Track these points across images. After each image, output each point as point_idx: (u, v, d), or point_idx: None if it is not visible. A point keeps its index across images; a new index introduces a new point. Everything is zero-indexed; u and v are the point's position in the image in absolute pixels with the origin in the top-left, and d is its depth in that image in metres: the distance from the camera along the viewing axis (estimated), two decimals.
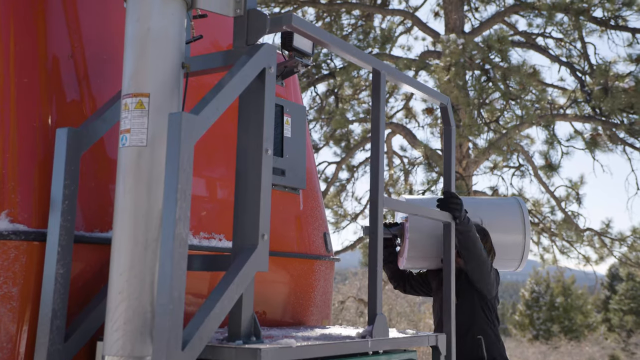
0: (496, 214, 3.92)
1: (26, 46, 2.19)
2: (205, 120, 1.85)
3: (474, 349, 3.68)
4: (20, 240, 2.03)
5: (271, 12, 11.97)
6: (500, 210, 3.97)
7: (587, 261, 11.69)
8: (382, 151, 2.67)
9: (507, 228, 3.87)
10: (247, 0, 2.22)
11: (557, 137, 10.82)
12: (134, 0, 2.03)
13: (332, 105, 12.59)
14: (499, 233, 3.81)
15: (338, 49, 2.54)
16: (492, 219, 3.82)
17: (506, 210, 3.96)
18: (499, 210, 3.98)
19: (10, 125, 2.13)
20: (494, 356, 3.71)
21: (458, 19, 11.38)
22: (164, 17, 2.01)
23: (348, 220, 12.44)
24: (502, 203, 4.14)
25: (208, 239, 2.61)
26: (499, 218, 3.89)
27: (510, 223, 3.88)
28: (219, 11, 2.19)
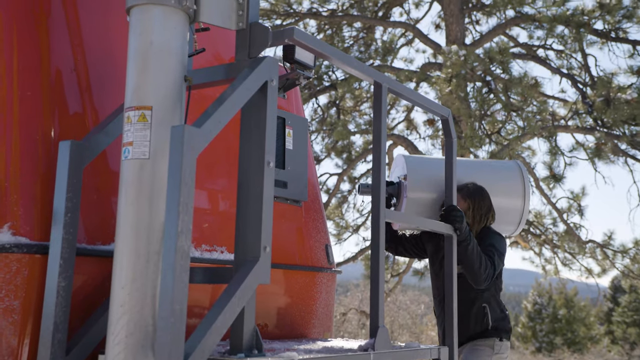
0: (496, 177, 3.83)
1: (30, 60, 2.20)
2: (208, 133, 1.85)
3: (479, 318, 3.61)
4: (22, 253, 2.03)
5: (273, 25, 12.04)
6: (500, 174, 3.89)
7: (589, 273, 11.65)
8: (383, 163, 2.67)
9: (506, 192, 3.78)
10: (250, 14, 2.23)
11: (560, 148, 10.82)
12: (137, 14, 2.04)
13: (333, 117, 12.61)
14: (498, 196, 3.71)
15: (340, 62, 2.55)
16: (492, 182, 3.73)
17: (506, 173, 3.86)
18: (499, 174, 3.89)
19: (13, 138, 2.14)
20: (499, 328, 3.64)
21: (459, 31, 11.42)
22: (167, 31, 2.02)
23: (349, 232, 12.42)
24: (502, 166, 4.06)
25: (210, 251, 2.61)
26: (499, 181, 3.80)
27: (510, 187, 3.79)
28: (222, 24, 2.21)
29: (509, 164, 3.97)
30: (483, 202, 3.63)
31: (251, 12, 2.24)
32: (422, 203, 3.56)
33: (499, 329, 3.66)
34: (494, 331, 3.64)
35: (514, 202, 3.79)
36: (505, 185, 3.81)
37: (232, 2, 2.21)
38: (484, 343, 3.62)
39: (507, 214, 3.77)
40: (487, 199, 3.65)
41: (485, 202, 3.64)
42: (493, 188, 3.71)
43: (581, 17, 10.23)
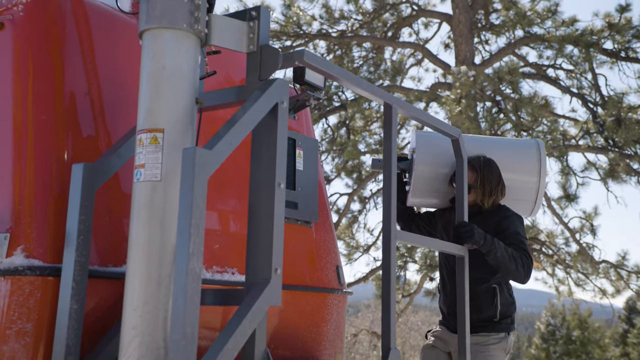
0: (511, 152, 3.74)
1: (45, 84, 2.23)
2: (219, 155, 1.87)
3: (488, 299, 3.48)
4: (35, 275, 2.04)
5: (283, 46, 12.14)
6: (517, 150, 3.80)
7: (603, 294, 11.51)
8: (394, 183, 2.67)
9: (521, 168, 3.68)
10: (260, 37, 2.25)
11: (572, 167, 10.77)
12: (150, 38, 2.07)
13: (343, 137, 12.64)
14: (512, 172, 3.61)
15: (350, 84, 2.56)
16: (507, 158, 3.63)
17: (523, 150, 3.76)
18: (515, 150, 3.80)
19: (27, 162, 2.16)
20: (507, 314, 3.54)
21: (468, 51, 11.46)
22: (179, 55, 2.05)
23: (360, 252, 12.37)
24: (521, 143, 3.98)
25: (221, 272, 2.61)
26: (514, 157, 3.70)
27: (525, 162, 3.68)
28: (233, 47, 2.23)
29: (528, 142, 3.87)
30: (492, 174, 3.52)
31: (262, 35, 2.26)
32: (431, 177, 3.49)
33: (506, 317, 3.54)
34: (502, 321, 3.52)
35: (528, 177, 3.67)
36: (520, 160, 3.70)
37: (243, 25, 2.24)
38: (497, 346, 3.48)
39: (522, 192, 3.66)
40: (496, 170, 3.54)
41: (494, 174, 3.53)
42: (507, 163, 3.60)
43: (590, 37, 10.25)
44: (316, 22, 12.42)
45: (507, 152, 3.72)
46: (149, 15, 2.05)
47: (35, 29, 2.26)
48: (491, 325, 3.49)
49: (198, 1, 2.09)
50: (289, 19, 12.19)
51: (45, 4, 2.27)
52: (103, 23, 2.44)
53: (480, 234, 3.24)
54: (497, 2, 12.14)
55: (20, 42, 2.24)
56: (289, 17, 12.19)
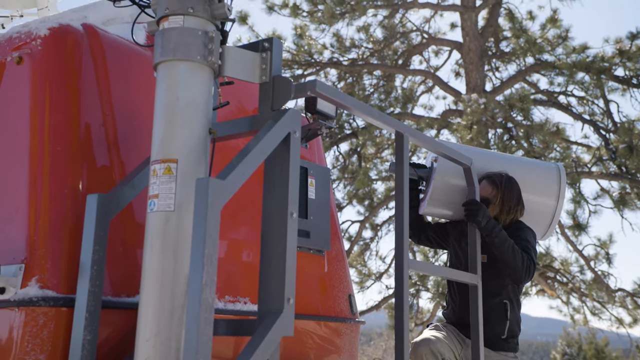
0: (532, 173, 3.73)
1: (61, 116, 2.27)
2: (232, 185, 1.88)
3: (499, 314, 3.44)
4: (49, 306, 2.04)
5: (294, 74, 12.25)
6: (537, 171, 3.79)
7: (620, 323, 11.33)
8: (406, 210, 2.67)
9: (540, 189, 3.67)
10: (273, 68, 2.28)
11: (584, 195, 10.69)
12: (164, 70, 2.10)
13: (355, 164, 12.66)
14: (531, 193, 3.60)
15: (361, 113, 2.58)
16: (526, 178, 3.62)
17: (543, 171, 3.75)
18: (535, 171, 3.80)
19: (43, 192, 2.18)
20: (515, 334, 3.49)
21: (479, 78, 11.50)
22: (193, 86, 2.08)
23: (372, 280, 12.29)
24: (542, 165, 3.99)
25: (233, 302, 2.61)
26: (534, 178, 3.69)
27: (545, 185, 3.67)
28: (245, 78, 2.25)
29: (548, 164, 3.88)
30: (512, 192, 3.52)
31: (274, 66, 2.29)
32: (450, 188, 3.48)
33: (513, 337, 3.50)
34: (510, 340, 3.47)
35: (546, 200, 3.67)
36: (540, 182, 3.70)
37: (256, 56, 2.27)
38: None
39: (538, 213, 3.65)
40: (516, 190, 3.54)
41: (515, 192, 3.53)
42: (527, 184, 3.60)
43: (602, 64, 10.26)
44: (327, 50, 12.55)
45: (528, 172, 3.72)
46: (164, 48, 2.09)
47: (52, 62, 2.30)
48: (499, 343, 3.46)
49: (212, 34, 2.12)
50: (300, 48, 12.31)
51: (62, 38, 2.32)
52: (118, 55, 2.48)
53: (485, 215, 3.23)
54: (507, 30, 12.22)
55: (38, 75, 2.28)
56: (300, 46, 12.32)
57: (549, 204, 3.67)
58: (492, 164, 3.60)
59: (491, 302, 3.43)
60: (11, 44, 2.34)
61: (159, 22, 2.16)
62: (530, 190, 3.61)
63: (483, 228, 3.25)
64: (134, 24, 2.41)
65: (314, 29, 12.43)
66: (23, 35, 2.33)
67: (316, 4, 12.00)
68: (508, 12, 12.24)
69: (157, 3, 2.17)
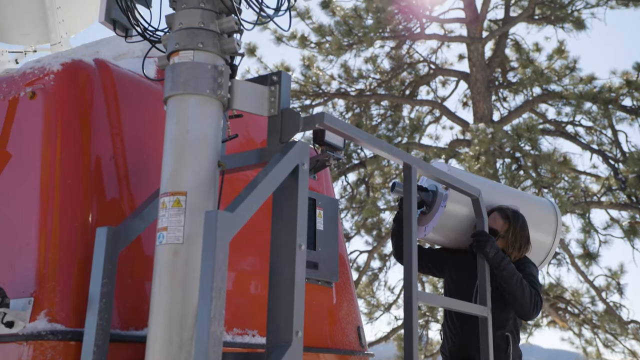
0: (530, 210, 3.71)
1: (72, 149, 2.29)
2: (241, 217, 1.88)
3: (502, 347, 3.38)
4: (58, 340, 2.04)
5: (302, 104, 12.33)
6: (536, 208, 3.79)
7: (634, 356, 11.13)
8: (414, 241, 2.66)
9: (538, 225, 3.67)
10: (281, 101, 2.30)
11: (594, 225, 10.61)
12: (174, 104, 2.13)
13: (363, 194, 12.66)
14: (530, 228, 3.58)
15: (369, 145, 2.59)
16: (527, 213, 3.60)
17: (541, 208, 3.77)
18: (534, 207, 3.79)
19: (53, 226, 2.19)
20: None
21: (486, 108, 11.54)
22: (202, 120, 2.10)
23: (381, 311, 12.19)
24: (539, 202, 3.99)
25: (242, 334, 2.59)
26: (534, 213, 3.68)
27: (543, 221, 3.69)
28: (254, 111, 2.28)
29: (543, 200, 3.90)
30: (524, 231, 3.52)
31: (282, 99, 2.31)
32: (459, 217, 3.45)
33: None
34: None
35: (544, 238, 3.69)
36: (538, 218, 3.71)
37: (264, 89, 2.29)
38: None
39: (533, 249, 3.64)
40: (526, 227, 3.54)
41: (526, 229, 3.54)
42: (527, 219, 3.60)
43: (609, 94, 10.29)
44: (335, 81, 12.65)
45: (527, 208, 3.71)
46: (174, 82, 2.12)
47: (64, 97, 2.34)
48: None
49: (221, 68, 2.15)
50: (308, 79, 12.42)
51: (74, 73, 2.36)
52: (129, 89, 2.52)
53: (493, 247, 3.21)
54: (513, 61, 12.29)
55: (50, 110, 2.32)
56: (308, 77, 12.43)
57: (546, 241, 3.71)
58: (492, 195, 3.58)
59: (494, 335, 3.37)
60: (25, 79, 2.38)
61: (169, 57, 2.19)
62: (530, 226, 3.62)
63: (491, 259, 3.23)
64: (145, 59, 2.45)
65: (322, 59, 12.55)
66: (36, 71, 2.37)
67: (324, 35, 12.14)
68: (514, 43, 12.34)
69: (168, 38, 2.21)
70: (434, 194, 3.53)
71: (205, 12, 2.17)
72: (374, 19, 11.80)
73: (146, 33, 2.33)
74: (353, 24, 11.81)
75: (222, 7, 2.22)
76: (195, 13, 2.16)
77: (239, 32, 2.25)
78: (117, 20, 2.32)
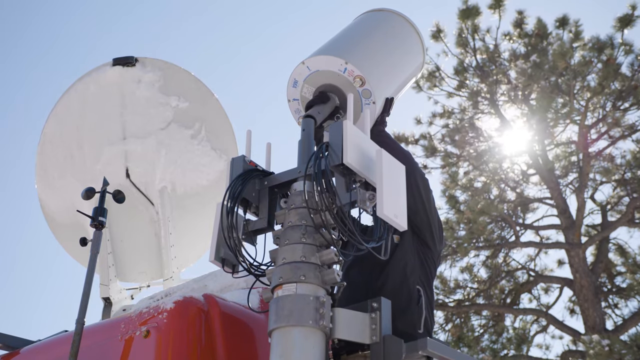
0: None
1: None
2: None
3: (411, 302, 2.70)
4: None
5: None
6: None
7: None
8: None
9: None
10: (382, 327, 2.30)
11: None
12: (278, 336, 2.16)
13: None
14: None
15: None
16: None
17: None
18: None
19: None
20: (428, 328, 2.71)
21: (597, 316, 10.85)
22: (306, 351, 2.11)
23: None
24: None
25: None
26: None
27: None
28: (356, 339, 2.28)
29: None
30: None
31: (384, 325, 2.30)
32: None
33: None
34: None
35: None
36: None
37: (365, 317, 2.31)
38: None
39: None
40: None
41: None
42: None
43: None
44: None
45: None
46: (278, 315, 2.18)
47: (175, 333, 2.44)
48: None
49: (323, 298, 2.21)
50: None
51: (186, 310, 2.49)
52: (235, 322, 2.61)
53: None
54: (619, 265, 11.80)
55: (162, 348, 2.41)
56: None
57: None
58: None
59: (399, 295, 2.75)
60: (140, 319, 2.53)
61: (273, 290, 2.28)
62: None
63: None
64: (250, 292, 2.56)
65: None
66: (152, 310, 2.52)
67: None
68: (618, 247, 11.94)
69: (272, 272, 2.32)
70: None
71: (306, 247, 2.29)
72: (466, 229, 11.91)
73: (251, 268, 2.46)
74: (445, 235, 11.95)
75: (322, 241, 2.34)
76: (297, 248, 2.28)
77: (339, 263, 2.34)
78: (225, 258, 2.48)
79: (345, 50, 2.87)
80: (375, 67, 2.90)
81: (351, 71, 2.78)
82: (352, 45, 2.96)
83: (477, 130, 13.07)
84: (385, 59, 3.03)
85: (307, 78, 2.87)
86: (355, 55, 2.86)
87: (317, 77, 2.85)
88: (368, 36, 3.09)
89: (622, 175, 11.79)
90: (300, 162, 2.56)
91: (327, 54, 2.81)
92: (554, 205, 12.18)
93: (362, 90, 2.82)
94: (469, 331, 12.53)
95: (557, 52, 11.49)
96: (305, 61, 2.83)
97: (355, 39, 3.03)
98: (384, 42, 3.11)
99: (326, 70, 2.81)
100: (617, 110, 12.02)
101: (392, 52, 3.10)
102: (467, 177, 12.88)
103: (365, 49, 2.95)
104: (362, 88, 2.81)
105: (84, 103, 4.02)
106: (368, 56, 2.91)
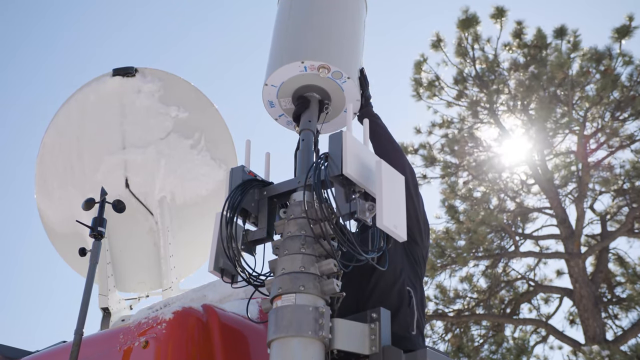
0: None
1: None
2: None
3: (402, 304, 2.66)
4: None
5: None
6: None
7: None
8: None
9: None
10: (382, 338, 2.29)
11: None
12: (278, 347, 2.16)
13: None
14: None
15: None
16: None
17: None
18: None
19: None
20: (421, 329, 2.68)
21: (597, 326, 10.82)
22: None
23: None
24: None
25: None
26: None
27: None
28: (355, 350, 2.27)
29: None
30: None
31: (383, 336, 2.30)
32: None
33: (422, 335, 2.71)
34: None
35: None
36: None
37: (365, 327, 2.31)
38: None
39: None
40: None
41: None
42: None
43: None
44: (431, 302, 12.44)
45: None
46: (277, 325, 2.17)
47: (174, 344, 2.43)
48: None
49: (322, 309, 2.20)
50: None
51: (185, 320, 2.48)
52: (234, 332, 2.60)
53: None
54: (619, 275, 11.78)
55: (161, 359, 2.41)
56: None
57: None
58: None
59: (388, 296, 2.74)
60: (139, 329, 2.52)
61: (272, 300, 2.28)
62: None
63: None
64: (249, 302, 2.56)
65: None
66: (150, 321, 2.51)
67: None
68: (617, 257, 11.93)
69: (271, 282, 2.32)
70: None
71: (305, 257, 2.29)
72: (466, 239, 11.90)
73: (250, 278, 2.46)
74: (445, 245, 11.93)
75: (321, 251, 2.34)
76: (297, 258, 2.29)
77: (338, 273, 2.34)
78: (224, 269, 2.48)
79: (293, 50, 2.79)
80: (331, 48, 2.81)
81: (312, 66, 2.71)
82: (298, 42, 2.85)
83: (476, 140, 13.09)
84: (334, 35, 2.89)
85: (278, 94, 2.84)
86: (305, 49, 2.78)
87: (286, 88, 2.80)
88: (306, 23, 2.93)
89: (621, 185, 11.80)
90: (299, 172, 2.56)
91: (281, 65, 2.74)
92: (554, 215, 12.18)
93: (332, 74, 2.73)
94: (469, 341, 12.50)
95: (555, 64, 11.53)
96: (267, 82, 2.79)
97: (297, 33, 2.90)
98: (323, 21, 2.93)
99: (290, 78, 2.76)
100: (615, 120, 12.05)
101: (337, 25, 2.94)
102: (466, 187, 12.88)
103: (312, 38, 2.84)
104: (331, 72, 2.72)
105: (84, 113, 4.02)
106: (318, 43, 2.82)
